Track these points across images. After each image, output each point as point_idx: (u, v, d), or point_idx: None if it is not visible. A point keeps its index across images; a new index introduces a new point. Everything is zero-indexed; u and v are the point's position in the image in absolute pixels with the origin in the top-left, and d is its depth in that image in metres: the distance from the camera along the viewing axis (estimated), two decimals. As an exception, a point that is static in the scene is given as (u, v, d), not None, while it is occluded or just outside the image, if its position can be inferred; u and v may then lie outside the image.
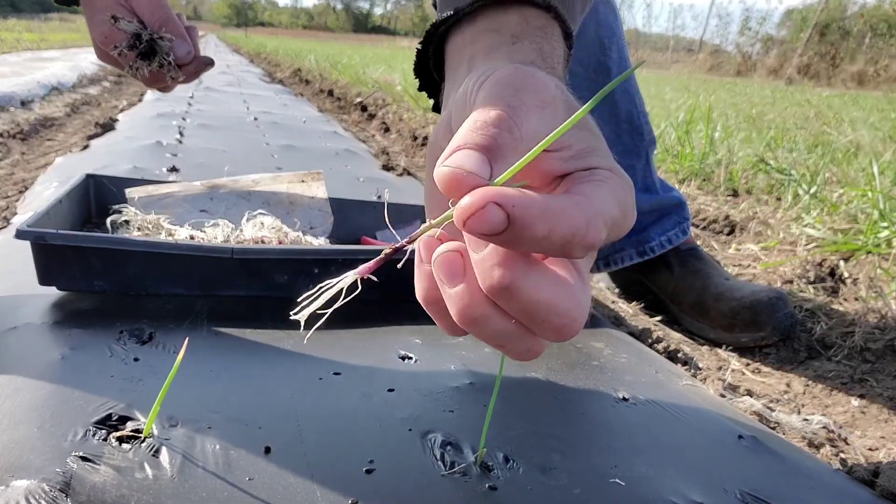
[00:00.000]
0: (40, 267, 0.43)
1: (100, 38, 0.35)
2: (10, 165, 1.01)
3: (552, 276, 0.18)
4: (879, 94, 4.86)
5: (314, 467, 0.28)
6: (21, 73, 2.28)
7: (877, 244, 0.73)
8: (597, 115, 0.25)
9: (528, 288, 0.17)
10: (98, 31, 0.35)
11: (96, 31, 0.35)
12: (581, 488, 0.29)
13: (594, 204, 0.18)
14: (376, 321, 0.47)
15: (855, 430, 0.45)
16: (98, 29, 0.35)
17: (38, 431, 0.28)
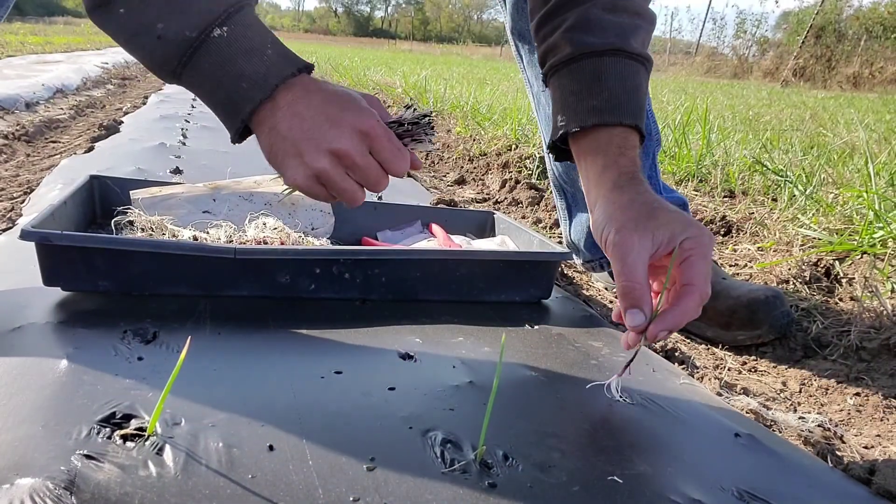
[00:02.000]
0: (45, 267, 0.44)
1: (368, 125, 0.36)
2: (14, 167, 1.02)
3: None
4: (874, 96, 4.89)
5: (316, 465, 0.29)
6: (26, 75, 2.28)
7: (872, 244, 0.74)
8: None
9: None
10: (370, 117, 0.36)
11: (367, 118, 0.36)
12: (580, 486, 0.29)
13: (697, 286, 0.36)
14: (377, 321, 0.47)
15: (851, 428, 0.45)
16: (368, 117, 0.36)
17: (43, 430, 0.28)
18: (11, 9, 0.53)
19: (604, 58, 0.41)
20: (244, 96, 0.35)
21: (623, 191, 0.38)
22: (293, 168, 0.36)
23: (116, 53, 4.62)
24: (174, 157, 1.04)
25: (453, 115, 2.12)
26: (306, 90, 0.36)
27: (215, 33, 0.34)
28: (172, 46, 0.34)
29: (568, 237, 0.71)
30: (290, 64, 0.35)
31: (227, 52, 0.34)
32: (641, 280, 0.36)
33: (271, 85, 0.34)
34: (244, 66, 0.34)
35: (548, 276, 0.57)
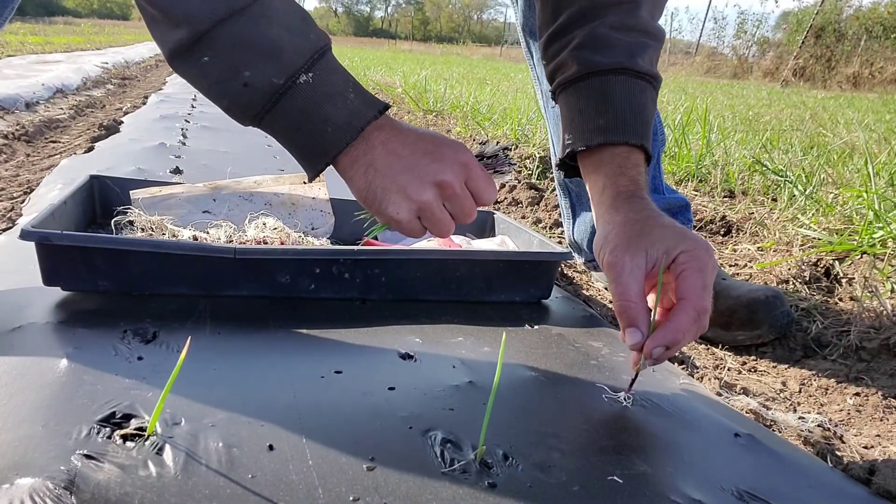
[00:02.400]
0: (45, 267, 0.44)
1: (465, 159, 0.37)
2: (15, 167, 1.02)
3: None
4: (874, 96, 4.89)
5: (316, 464, 0.29)
6: (25, 75, 2.28)
7: (872, 244, 0.74)
8: None
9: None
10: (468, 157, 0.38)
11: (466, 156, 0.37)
12: (579, 486, 0.29)
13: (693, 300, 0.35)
14: (377, 320, 0.47)
15: (850, 428, 0.45)
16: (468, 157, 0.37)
17: (43, 430, 0.28)
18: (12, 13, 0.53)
19: (611, 77, 0.41)
20: (329, 140, 0.35)
21: (618, 210, 0.39)
22: (396, 203, 0.36)
23: (116, 53, 4.62)
24: (174, 157, 1.04)
25: (453, 115, 2.12)
26: (398, 130, 0.36)
27: (301, 79, 0.34)
28: (258, 93, 0.34)
29: (571, 236, 0.71)
30: (371, 106, 0.36)
31: (312, 98, 0.34)
32: (635, 298, 0.36)
33: (356, 129, 0.35)
34: (328, 111, 0.34)
35: (548, 276, 0.57)
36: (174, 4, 0.33)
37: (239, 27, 0.33)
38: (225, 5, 0.33)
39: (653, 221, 0.38)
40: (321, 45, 0.35)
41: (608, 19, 0.41)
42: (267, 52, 0.33)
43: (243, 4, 0.33)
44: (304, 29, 0.35)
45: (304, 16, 0.35)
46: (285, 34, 0.34)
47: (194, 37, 0.33)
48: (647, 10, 0.43)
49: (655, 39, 0.43)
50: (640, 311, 0.36)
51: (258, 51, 0.33)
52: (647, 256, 0.37)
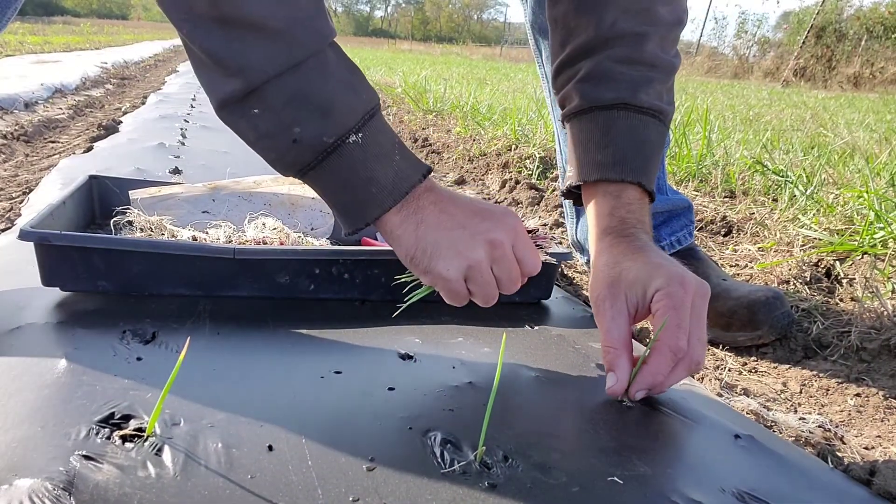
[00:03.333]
0: (44, 268, 0.44)
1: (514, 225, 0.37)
2: (13, 167, 1.02)
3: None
4: (875, 97, 4.89)
5: (315, 465, 0.28)
6: (25, 75, 2.28)
7: (872, 245, 0.74)
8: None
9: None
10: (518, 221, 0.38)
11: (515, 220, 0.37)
12: (579, 487, 0.29)
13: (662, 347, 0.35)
14: (376, 321, 0.47)
15: (851, 429, 0.45)
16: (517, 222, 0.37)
17: (42, 431, 0.28)
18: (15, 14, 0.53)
19: (612, 112, 0.41)
20: (373, 201, 0.35)
21: (601, 252, 0.39)
22: (447, 259, 0.35)
23: (115, 53, 4.62)
24: (173, 157, 1.04)
25: (453, 116, 2.11)
26: (446, 192, 0.37)
27: (351, 139, 0.33)
28: (307, 150, 0.33)
29: (574, 235, 0.71)
30: (416, 170, 0.36)
31: (360, 158, 0.34)
32: (616, 344, 0.36)
33: (402, 191, 0.35)
34: (375, 172, 0.34)
35: (548, 276, 0.57)
36: (231, 55, 0.31)
37: (294, 82, 0.32)
38: (284, 59, 0.31)
39: (630, 262, 0.37)
40: (372, 104, 0.34)
41: (613, 52, 0.41)
42: (320, 109, 0.32)
43: (301, 58, 0.32)
44: (357, 86, 0.34)
45: (355, 70, 0.35)
46: (339, 92, 0.33)
47: (247, 89, 0.32)
48: (656, 42, 0.41)
49: (663, 73, 0.42)
50: (620, 356, 0.36)
51: (311, 108, 0.32)
52: (628, 300, 0.37)
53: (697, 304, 0.36)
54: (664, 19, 0.42)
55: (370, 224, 0.36)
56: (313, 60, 0.32)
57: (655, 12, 0.41)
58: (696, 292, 0.36)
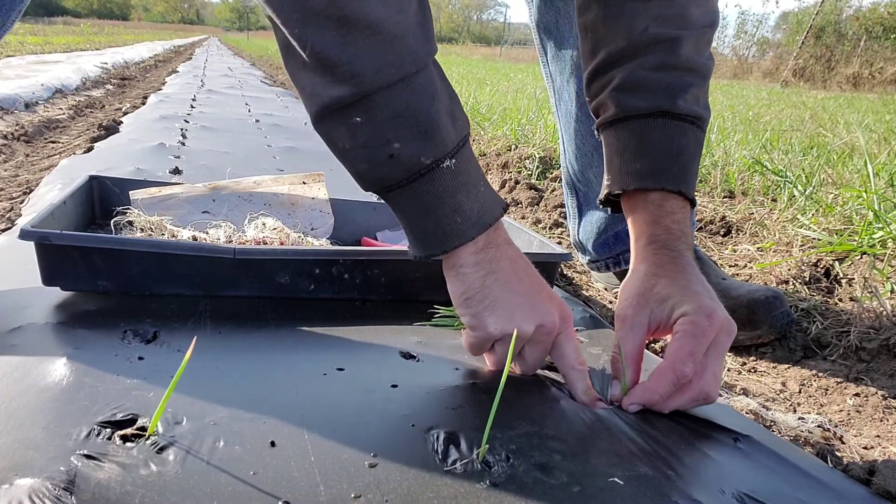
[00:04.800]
0: (44, 267, 0.44)
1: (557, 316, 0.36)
2: (14, 167, 1.02)
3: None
4: (874, 97, 4.89)
5: (318, 461, 0.29)
6: (25, 75, 2.28)
7: (871, 245, 0.74)
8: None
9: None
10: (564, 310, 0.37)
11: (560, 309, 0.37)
12: (580, 487, 0.29)
13: (672, 362, 0.35)
14: (379, 320, 0.47)
15: (850, 428, 0.45)
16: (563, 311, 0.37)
17: (43, 431, 0.28)
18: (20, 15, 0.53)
19: (649, 120, 0.40)
20: (456, 231, 0.34)
21: (643, 261, 0.39)
22: (500, 319, 0.35)
23: (115, 54, 4.62)
24: (173, 158, 1.04)
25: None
26: (521, 256, 0.36)
27: (445, 164, 0.33)
28: (401, 168, 0.32)
29: (576, 236, 0.70)
30: (498, 203, 0.35)
31: (451, 185, 0.33)
32: (628, 353, 0.37)
33: (486, 224, 0.34)
34: (462, 201, 0.33)
35: (547, 276, 0.57)
36: (345, 58, 0.29)
37: (405, 96, 0.31)
38: (397, 70, 0.30)
39: (667, 279, 0.37)
40: (466, 131, 0.34)
41: (647, 59, 0.40)
42: (424, 129, 0.31)
43: (412, 71, 0.31)
44: (455, 112, 0.34)
45: (453, 94, 0.34)
46: (443, 114, 0.32)
47: (356, 96, 0.30)
48: (692, 45, 0.40)
49: (700, 77, 0.41)
50: (628, 365, 0.37)
51: (416, 126, 0.31)
52: (652, 315, 0.37)
53: (722, 341, 0.35)
54: (698, 21, 0.40)
55: (446, 253, 0.35)
56: (423, 75, 0.32)
57: (689, 15, 0.40)
58: (722, 328, 0.35)
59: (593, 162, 0.64)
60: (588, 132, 0.63)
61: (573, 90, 0.63)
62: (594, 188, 0.66)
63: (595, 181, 0.66)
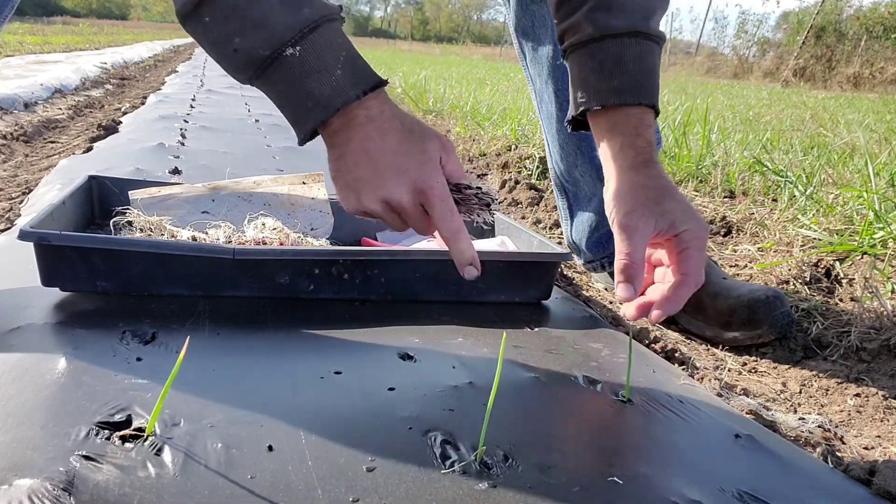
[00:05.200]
0: (43, 268, 0.44)
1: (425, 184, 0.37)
2: (13, 167, 1.02)
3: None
4: (875, 97, 4.89)
5: (315, 465, 0.28)
6: (24, 75, 2.29)
7: (872, 245, 0.74)
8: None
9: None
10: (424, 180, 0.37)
11: (421, 180, 0.37)
12: (579, 486, 0.29)
13: (692, 275, 0.39)
14: (376, 321, 0.47)
15: (851, 429, 0.45)
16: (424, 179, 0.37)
17: (42, 431, 0.28)
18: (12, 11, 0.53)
19: (625, 39, 0.42)
20: (308, 114, 0.36)
21: (637, 172, 0.41)
22: (348, 200, 0.38)
23: (115, 53, 4.62)
24: (173, 158, 1.04)
25: (453, 116, 2.11)
26: (381, 130, 0.36)
27: (287, 52, 0.34)
28: (244, 61, 0.35)
29: (569, 237, 0.71)
30: (356, 86, 0.36)
31: (298, 71, 0.35)
32: (638, 260, 0.39)
33: (333, 108, 0.35)
34: (312, 86, 0.35)
35: (548, 276, 0.57)
36: None
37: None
38: None
39: (666, 192, 0.40)
40: (314, 18, 0.35)
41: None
42: (255, 23, 0.34)
43: None
44: (300, 1, 0.35)
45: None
46: (277, 7, 0.34)
47: (195, 0, 0.34)
48: None
49: (664, 1, 0.45)
50: (639, 271, 0.39)
51: (247, 22, 0.34)
52: (656, 224, 0.39)
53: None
54: None
55: (305, 136, 0.37)
56: None
57: None
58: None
59: (577, 161, 0.65)
60: (569, 133, 0.64)
61: (552, 91, 0.64)
62: (582, 187, 0.67)
63: (581, 179, 0.66)
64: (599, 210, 0.66)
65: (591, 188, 0.66)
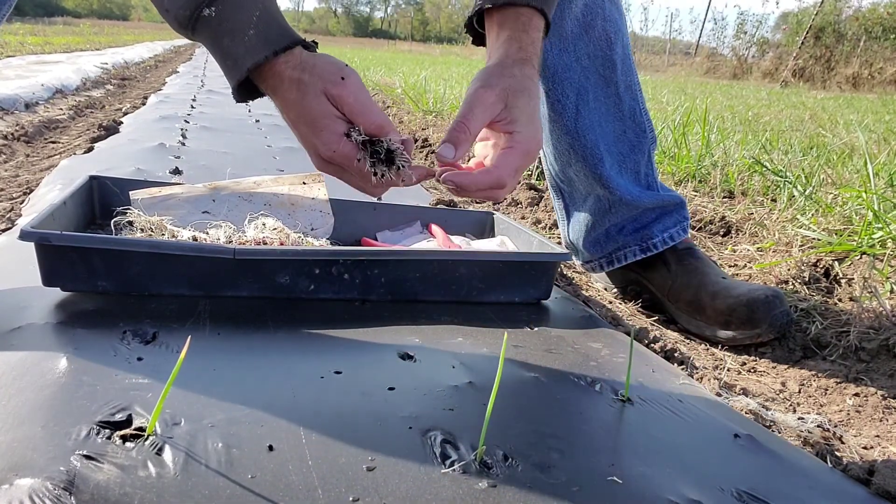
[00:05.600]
0: (44, 268, 0.44)
1: (327, 153, 0.39)
2: (14, 167, 1.02)
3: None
4: (874, 97, 4.89)
5: (315, 465, 0.29)
6: (25, 75, 2.29)
7: (871, 245, 0.74)
8: (603, 111, 0.53)
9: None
10: (325, 146, 0.39)
11: (323, 147, 0.39)
12: (579, 486, 0.29)
13: (500, 170, 0.41)
14: (376, 321, 0.47)
15: (850, 428, 0.45)
16: (325, 144, 0.39)
17: (42, 431, 0.28)
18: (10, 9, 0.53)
19: None
20: (229, 72, 0.39)
21: (513, 63, 0.43)
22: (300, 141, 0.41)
23: (116, 54, 4.62)
24: (174, 158, 1.04)
25: (453, 115, 2.11)
26: (284, 101, 0.39)
27: (205, 13, 0.38)
28: (173, 18, 0.38)
29: (567, 237, 0.71)
30: (267, 47, 0.38)
31: (217, 31, 0.38)
32: (472, 129, 0.41)
33: (245, 68, 0.38)
34: (228, 45, 0.38)
35: (547, 276, 0.57)
36: None
37: None
38: None
39: (527, 93, 0.42)
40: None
41: None
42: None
43: None
44: None
45: None
46: None
47: None
48: None
49: None
50: (467, 140, 0.41)
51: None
52: (501, 112, 0.41)
53: (531, 162, 0.43)
54: None
55: (235, 89, 0.40)
56: None
57: None
58: (537, 154, 0.43)
59: (570, 160, 0.65)
60: (561, 131, 0.64)
61: (542, 91, 0.65)
62: (577, 186, 0.67)
63: (576, 178, 0.67)
64: (595, 209, 0.66)
65: (586, 187, 0.66)
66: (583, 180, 0.66)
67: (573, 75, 0.61)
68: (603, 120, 0.62)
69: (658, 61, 9.56)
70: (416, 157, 1.49)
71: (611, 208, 0.65)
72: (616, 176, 0.64)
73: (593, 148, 0.63)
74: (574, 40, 0.61)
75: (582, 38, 0.61)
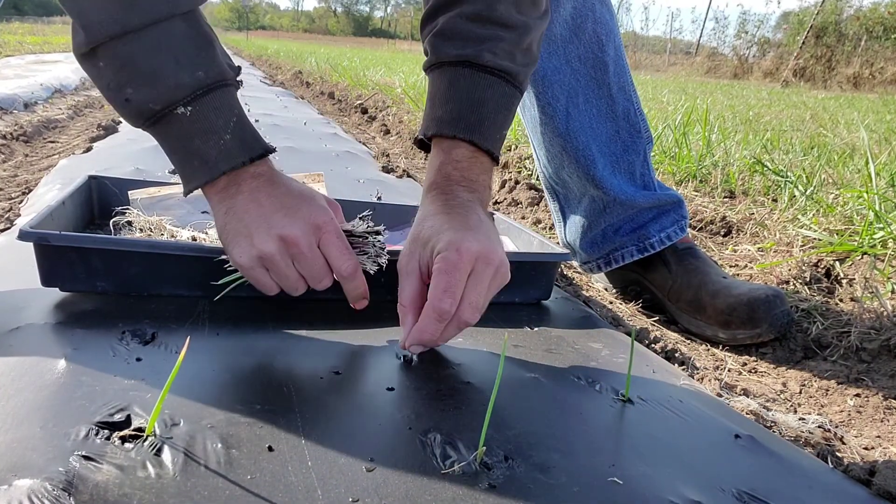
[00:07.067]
0: (43, 268, 0.43)
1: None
2: (13, 167, 1.02)
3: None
4: (875, 97, 4.89)
5: (315, 466, 0.28)
6: (24, 75, 2.29)
7: (872, 245, 0.74)
8: (595, 112, 0.49)
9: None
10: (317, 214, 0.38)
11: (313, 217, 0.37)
12: (580, 487, 0.29)
13: (428, 310, 0.37)
14: (376, 321, 0.47)
15: (851, 429, 0.45)
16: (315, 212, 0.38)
17: (41, 431, 0.28)
18: (10, 9, 0.54)
19: (457, 68, 0.42)
20: (195, 172, 0.37)
21: (421, 207, 0.41)
22: (240, 247, 0.37)
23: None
24: (174, 157, 1.03)
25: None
26: (271, 181, 0.38)
27: (179, 111, 0.36)
28: (135, 112, 0.36)
29: (564, 239, 0.71)
30: (245, 152, 0.37)
31: (188, 130, 0.36)
32: (405, 302, 0.39)
33: (219, 171, 0.37)
34: (199, 146, 0.36)
35: (547, 276, 0.57)
36: (75, 12, 0.35)
37: (128, 48, 0.34)
38: (119, 24, 0.34)
39: (432, 220, 0.39)
40: (209, 83, 0.36)
41: (465, 9, 0.42)
42: (147, 78, 0.35)
43: (139, 25, 0.34)
44: (198, 62, 0.36)
45: (205, 45, 0.36)
46: (171, 65, 0.35)
47: (90, 45, 0.35)
48: (510, 2, 0.42)
49: (515, 33, 0.42)
50: (407, 314, 0.38)
51: (140, 75, 0.35)
52: (420, 259, 0.39)
53: (479, 270, 0.37)
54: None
55: (191, 191, 0.38)
56: (153, 30, 0.34)
57: None
58: (477, 258, 0.37)
59: (564, 162, 0.65)
60: (553, 134, 0.64)
61: (533, 95, 0.64)
62: (571, 188, 0.67)
63: (570, 180, 0.66)
64: (591, 210, 0.66)
65: (581, 189, 0.66)
66: (576, 182, 0.65)
67: (563, 78, 0.60)
68: (595, 121, 0.62)
69: (659, 61, 9.55)
70: (416, 157, 1.49)
71: (606, 209, 0.65)
72: (610, 176, 0.64)
73: (585, 149, 0.62)
74: (564, 43, 0.60)
75: (572, 41, 0.60)
